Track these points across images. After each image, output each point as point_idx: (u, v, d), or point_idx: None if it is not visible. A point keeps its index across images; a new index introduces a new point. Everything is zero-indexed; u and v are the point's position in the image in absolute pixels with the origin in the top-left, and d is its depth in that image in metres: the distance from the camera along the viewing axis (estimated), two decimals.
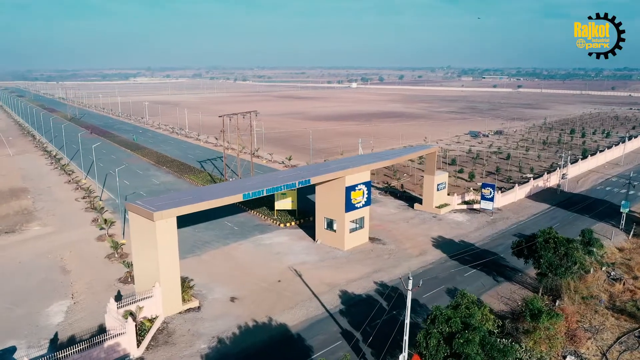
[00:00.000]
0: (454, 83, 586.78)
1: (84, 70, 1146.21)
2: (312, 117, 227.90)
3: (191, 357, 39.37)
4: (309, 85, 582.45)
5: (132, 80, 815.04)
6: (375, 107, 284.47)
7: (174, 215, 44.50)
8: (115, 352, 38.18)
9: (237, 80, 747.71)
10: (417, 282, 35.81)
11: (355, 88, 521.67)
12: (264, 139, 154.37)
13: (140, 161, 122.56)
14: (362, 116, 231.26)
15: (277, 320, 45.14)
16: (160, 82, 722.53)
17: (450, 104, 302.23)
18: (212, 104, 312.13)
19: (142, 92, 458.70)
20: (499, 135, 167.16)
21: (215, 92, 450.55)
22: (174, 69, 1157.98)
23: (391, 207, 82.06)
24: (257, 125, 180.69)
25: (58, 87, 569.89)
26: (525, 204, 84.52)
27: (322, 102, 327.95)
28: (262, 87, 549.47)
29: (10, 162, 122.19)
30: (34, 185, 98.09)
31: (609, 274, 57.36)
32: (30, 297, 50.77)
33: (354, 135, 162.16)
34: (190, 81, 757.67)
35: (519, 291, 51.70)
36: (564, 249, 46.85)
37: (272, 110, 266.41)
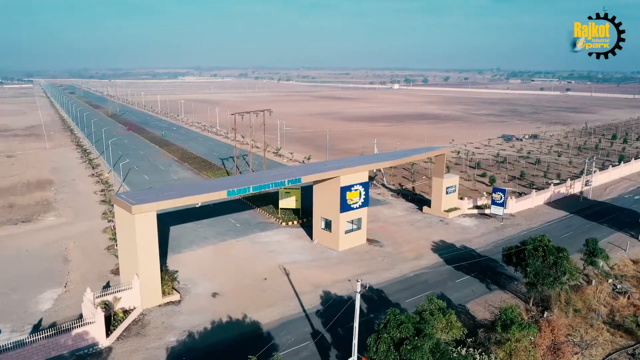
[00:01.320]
0: (500, 85, 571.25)
1: (136, 69, 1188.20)
2: (345, 118, 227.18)
3: (157, 350, 39.89)
4: (351, 86, 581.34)
5: (180, 79, 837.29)
6: (411, 108, 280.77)
7: (153, 209, 45.21)
8: (84, 340, 39.12)
9: (281, 80, 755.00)
10: (404, 287, 34.85)
11: (396, 89, 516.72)
12: (289, 138, 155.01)
13: (165, 157, 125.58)
14: (396, 117, 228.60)
15: (252, 318, 45.12)
16: (207, 81, 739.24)
17: (491, 106, 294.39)
18: (250, 103, 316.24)
19: (186, 90, 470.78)
20: (534, 139, 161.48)
21: (257, 91, 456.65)
22: (222, 68, 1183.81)
23: (400, 209, 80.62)
24: (285, 124, 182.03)
25: (110, 84, 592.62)
26: (542, 210, 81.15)
27: (359, 102, 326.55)
28: (303, 87, 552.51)
29: (45, 155, 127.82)
30: (59, 177, 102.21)
31: (615, 286, 54.28)
32: (27, 284, 52.76)
33: (382, 136, 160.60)
34: (235, 80, 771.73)
35: (509, 300, 49.53)
36: (553, 257, 44.63)
37: (307, 110, 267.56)
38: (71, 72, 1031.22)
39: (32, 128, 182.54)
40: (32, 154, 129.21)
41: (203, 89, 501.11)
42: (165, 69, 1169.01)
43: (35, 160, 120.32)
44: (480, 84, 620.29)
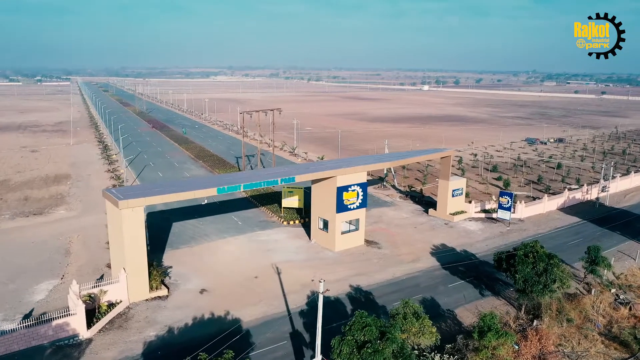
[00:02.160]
0: (534, 88, 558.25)
1: (171, 68, 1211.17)
2: (368, 119, 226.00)
3: (134, 343, 40.34)
4: (380, 86, 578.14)
5: (212, 78, 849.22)
6: (437, 110, 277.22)
7: (140, 204, 45.79)
8: (64, 331, 39.89)
9: (311, 81, 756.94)
10: (394, 290, 34.38)
11: (425, 91, 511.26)
12: (309, 138, 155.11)
13: (181, 155, 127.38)
14: (420, 119, 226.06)
15: (234, 315, 45.18)
16: (238, 81, 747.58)
17: (520, 109, 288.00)
18: (276, 102, 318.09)
19: (216, 89, 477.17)
20: (559, 143, 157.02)
21: (284, 91, 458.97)
22: (254, 68, 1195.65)
23: (405, 211, 79.52)
24: (306, 124, 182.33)
25: (143, 83, 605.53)
26: (554, 216, 78.74)
27: (385, 103, 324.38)
28: (332, 88, 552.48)
29: (67, 150, 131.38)
30: (77, 172, 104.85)
31: (618, 296, 52.15)
32: (26, 274, 54.20)
33: (401, 137, 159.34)
34: (266, 80, 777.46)
35: (501, 307, 48.24)
36: (543, 264, 43.16)
37: (331, 110, 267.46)
38: (109, 70, 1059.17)
39: (61, 124, 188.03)
40: (56, 149, 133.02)
41: (232, 88, 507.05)
42: (199, 68, 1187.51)
43: (57, 155, 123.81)
44: (514, 86, 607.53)
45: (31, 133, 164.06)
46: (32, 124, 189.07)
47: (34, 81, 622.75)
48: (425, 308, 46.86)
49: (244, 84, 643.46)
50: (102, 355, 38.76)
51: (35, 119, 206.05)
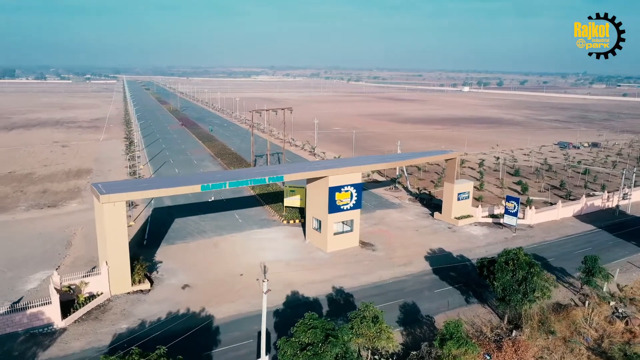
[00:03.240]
0: (581, 90, 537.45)
1: (215, 67, 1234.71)
2: (400, 119, 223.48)
3: (104, 335, 41.17)
4: (419, 87, 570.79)
5: (254, 77, 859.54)
6: (473, 112, 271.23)
7: (122, 199, 46.72)
8: (39, 320, 41.15)
9: (350, 81, 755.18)
10: (376, 293, 33.93)
11: (466, 92, 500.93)
12: (333, 138, 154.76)
13: (202, 152, 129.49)
14: (452, 120, 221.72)
15: (208, 312, 45.46)
16: (278, 81, 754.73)
17: (560, 112, 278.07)
18: (310, 102, 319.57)
19: (254, 88, 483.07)
20: (593, 147, 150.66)
21: (321, 91, 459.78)
22: (296, 68, 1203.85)
23: (411, 213, 78.03)
24: (335, 124, 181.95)
25: (186, 82, 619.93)
26: (567, 223, 75.48)
27: (421, 104, 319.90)
28: (371, 88, 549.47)
29: (95, 146, 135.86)
30: (99, 167, 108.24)
31: (616, 309, 49.48)
32: (26, 264, 56.24)
33: (431, 139, 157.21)
34: (306, 80, 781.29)
35: (484, 315, 46.61)
36: (523, 272, 41.33)
37: (364, 110, 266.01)
38: (156, 69, 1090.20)
39: (96, 121, 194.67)
40: (85, 144, 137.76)
41: (270, 87, 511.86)
42: (242, 67, 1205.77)
43: (85, 150, 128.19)
44: (560, 88, 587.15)
45: (66, 129, 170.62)
46: (70, 120, 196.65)
47: (83, 79, 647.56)
48: (404, 313, 46.26)
49: (283, 83, 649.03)
50: (70, 345, 39.77)
51: (74, 115, 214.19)
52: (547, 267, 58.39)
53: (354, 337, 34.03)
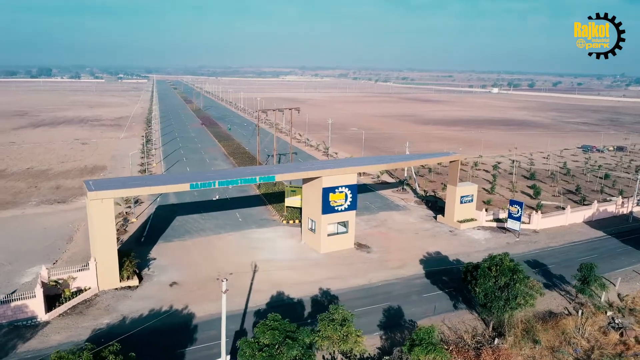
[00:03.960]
0: (616, 92, 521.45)
1: (244, 67, 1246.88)
2: (421, 121, 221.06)
3: (84, 329, 41.84)
4: (446, 88, 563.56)
5: (282, 77, 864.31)
6: (498, 113, 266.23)
7: (110, 196, 47.42)
8: (23, 312, 42.10)
9: (378, 82, 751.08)
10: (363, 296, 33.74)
11: (495, 93, 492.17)
12: (349, 139, 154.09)
13: (217, 151, 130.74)
14: (475, 122, 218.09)
15: (190, 310, 45.71)
16: (306, 81, 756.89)
17: (590, 114, 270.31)
18: (333, 102, 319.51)
19: (280, 88, 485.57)
20: (618, 151, 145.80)
21: (347, 91, 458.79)
22: (325, 68, 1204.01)
23: (414, 216, 76.93)
24: (354, 124, 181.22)
25: (215, 81, 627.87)
26: (576, 229, 73.18)
27: (446, 105, 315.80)
28: (398, 89, 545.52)
29: (114, 143, 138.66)
30: (114, 164, 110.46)
31: (613, 320, 47.67)
32: (26, 258, 57.61)
33: (448, 141, 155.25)
34: (333, 80, 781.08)
35: (470, 321, 45.47)
36: (505, 279, 40.14)
37: (386, 111, 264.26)
38: (186, 69, 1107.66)
39: (120, 119, 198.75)
40: (105, 142, 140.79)
41: (297, 88, 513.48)
42: (272, 67, 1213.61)
43: (103, 148, 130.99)
44: (594, 90, 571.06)
45: (90, 127, 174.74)
46: (95, 118, 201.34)
47: (116, 78, 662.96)
48: (387, 317, 45.58)
49: (310, 83, 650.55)
50: (50, 338, 40.56)
51: (100, 113, 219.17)
52: (546, 274, 56.86)
53: (320, 340, 33.64)
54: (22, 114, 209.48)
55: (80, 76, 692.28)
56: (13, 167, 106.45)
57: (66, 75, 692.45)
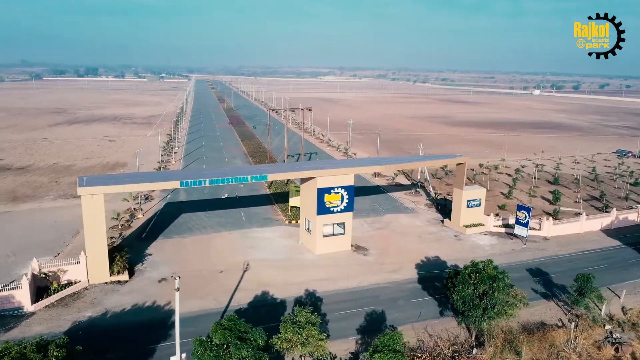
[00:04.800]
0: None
1: (284, 67, 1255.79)
2: (453, 122, 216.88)
3: (65, 321, 42.86)
4: (486, 90, 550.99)
5: (320, 78, 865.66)
6: (534, 116, 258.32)
7: (99, 192, 48.42)
8: (10, 302, 43.51)
9: (417, 82, 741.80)
10: (348, 299, 33.59)
11: (536, 95, 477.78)
12: (374, 140, 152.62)
13: (238, 150, 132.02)
14: (509, 124, 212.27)
15: (172, 306, 45.95)
16: (344, 81, 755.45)
17: (633, 118, 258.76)
18: (367, 103, 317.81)
19: (316, 89, 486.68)
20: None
21: (383, 92, 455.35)
22: (365, 69, 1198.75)
23: (421, 219, 75.35)
24: (383, 125, 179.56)
25: (253, 81, 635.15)
26: (591, 237, 69.97)
27: (482, 107, 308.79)
28: (435, 90, 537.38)
29: (140, 141, 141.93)
30: (134, 162, 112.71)
31: (610, 334, 45.25)
32: (32, 250, 59.30)
33: (477, 143, 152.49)
34: (371, 81, 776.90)
35: (454, 329, 44.01)
36: (484, 287, 38.61)
37: (418, 112, 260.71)
38: (227, 69, 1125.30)
39: (151, 117, 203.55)
40: (132, 139, 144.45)
41: (333, 88, 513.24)
42: (311, 68, 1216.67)
43: (129, 145, 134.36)
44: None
45: (121, 124, 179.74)
46: (128, 116, 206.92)
47: (158, 78, 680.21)
48: (368, 322, 44.75)
49: (347, 84, 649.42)
50: (32, 328, 41.75)
51: (134, 112, 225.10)
52: (546, 283, 54.59)
53: (280, 342, 33.24)
54: (61, 111, 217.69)
55: (124, 75, 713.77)
56: (40, 162, 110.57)
57: (111, 75, 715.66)
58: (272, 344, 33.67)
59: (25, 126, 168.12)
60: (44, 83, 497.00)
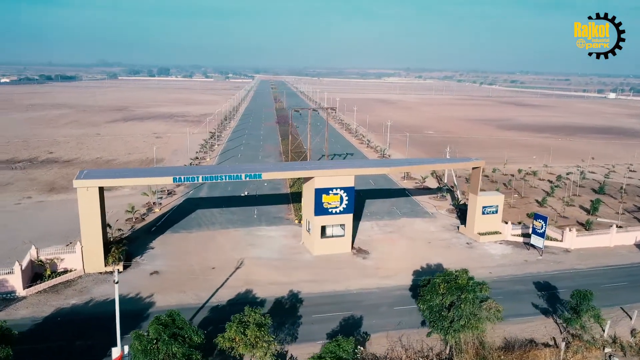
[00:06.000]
0: None
1: (349, 68, 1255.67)
2: (507, 126, 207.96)
3: (49, 307, 44.88)
4: (557, 92, 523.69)
5: (384, 79, 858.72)
6: (601, 120, 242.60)
7: (94, 185, 50.30)
8: (3, 286, 46.14)
9: (483, 84, 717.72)
10: (330, 302, 33.73)
11: (612, 99, 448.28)
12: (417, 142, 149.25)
13: (274, 149, 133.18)
14: (570, 129, 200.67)
15: (153, 299, 47.13)
16: (407, 83, 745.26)
17: None
18: (424, 105, 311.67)
19: (375, 90, 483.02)
20: None
21: (443, 94, 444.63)
22: (432, 70, 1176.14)
23: (437, 225, 72.61)
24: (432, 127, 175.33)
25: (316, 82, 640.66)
26: (619, 251, 64.60)
27: (545, 110, 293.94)
28: (501, 92, 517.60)
29: (184, 138, 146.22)
30: (171, 158, 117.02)
31: (609, 357, 41.57)
32: (48, 238, 62.61)
33: (526, 148, 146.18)
34: (436, 83, 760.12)
35: (431, 341, 41.88)
36: (451, 298, 36.44)
37: (475, 115, 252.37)
38: (292, 69, 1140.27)
39: (203, 116, 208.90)
40: (177, 136, 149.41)
41: (394, 89, 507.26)
42: (376, 69, 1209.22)
43: (173, 142, 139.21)
44: None
45: (173, 122, 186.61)
46: (182, 114, 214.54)
47: (224, 78, 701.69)
48: (342, 327, 43.71)
49: (410, 85, 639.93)
50: (18, 312, 44.06)
51: (189, 110, 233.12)
52: (551, 298, 50.97)
53: (223, 341, 32.97)
54: (122, 109, 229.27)
55: (192, 75, 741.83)
56: (85, 156, 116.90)
57: (180, 75, 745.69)
58: (215, 343, 33.48)
59: (85, 122, 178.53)
60: (117, 82, 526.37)
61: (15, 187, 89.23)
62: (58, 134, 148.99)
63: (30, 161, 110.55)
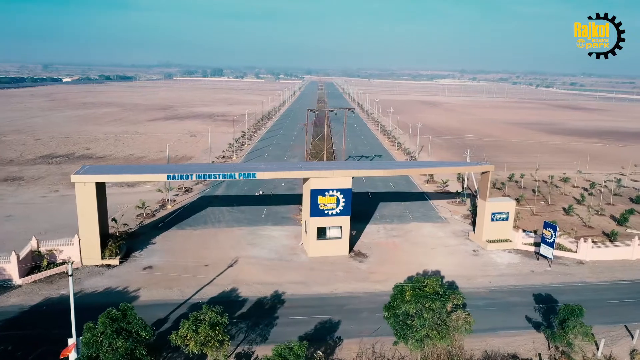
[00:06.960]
0: None
1: (402, 70, 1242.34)
2: (553, 130, 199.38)
3: (39, 296, 46.68)
4: (617, 96, 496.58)
5: (436, 81, 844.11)
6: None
7: (91, 180, 51.92)
8: (1, 274, 48.39)
9: (539, 87, 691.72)
10: (313, 305, 34.11)
11: None
12: (454, 145, 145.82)
13: (301, 150, 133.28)
14: (621, 134, 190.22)
15: (139, 293, 48.03)
16: (460, 84, 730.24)
17: None
18: (469, 107, 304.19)
19: (421, 92, 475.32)
20: None
21: (493, 96, 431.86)
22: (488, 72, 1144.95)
23: (447, 230, 70.36)
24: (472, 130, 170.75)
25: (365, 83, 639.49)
26: (639, 266, 60.38)
27: (598, 114, 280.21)
28: (555, 95, 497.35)
29: (217, 137, 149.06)
30: (200, 156, 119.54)
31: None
32: (59, 231, 64.53)
33: (568, 153, 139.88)
34: (489, 85, 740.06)
35: (402, 349, 40.43)
36: (417, 306, 35.05)
37: (522, 118, 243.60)
38: (345, 71, 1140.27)
39: (243, 116, 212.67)
40: (212, 135, 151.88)
41: (442, 91, 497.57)
42: (430, 70, 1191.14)
43: (206, 140, 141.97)
44: None
45: (211, 121, 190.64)
46: (222, 114, 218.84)
47: (274, 79, 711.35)
48: (316, 330, 43.23)
49: (462, 87, 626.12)
50: (10, 300, 46.11)
51: (231, 110, 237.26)
52: (548, 312, 48.12)
53: (176, 338, 33.15)
54: (166, 108, 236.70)
55: (244, 76, 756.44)
56: (119, 153, 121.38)
57: (232, 76, 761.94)
58: (168, 340, 33.72)
59: (128, 120, 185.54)
60: (170, 82, 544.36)
61: (46, 181, 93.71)
62: (99, 131, 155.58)
63: (66, 156, 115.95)
